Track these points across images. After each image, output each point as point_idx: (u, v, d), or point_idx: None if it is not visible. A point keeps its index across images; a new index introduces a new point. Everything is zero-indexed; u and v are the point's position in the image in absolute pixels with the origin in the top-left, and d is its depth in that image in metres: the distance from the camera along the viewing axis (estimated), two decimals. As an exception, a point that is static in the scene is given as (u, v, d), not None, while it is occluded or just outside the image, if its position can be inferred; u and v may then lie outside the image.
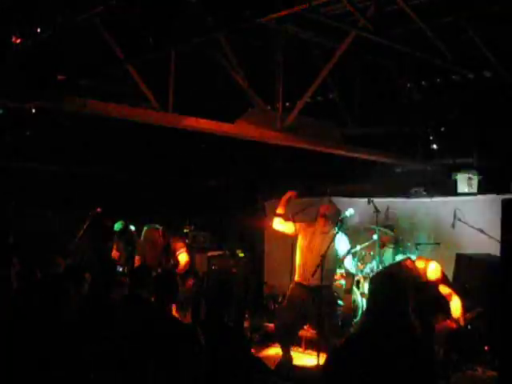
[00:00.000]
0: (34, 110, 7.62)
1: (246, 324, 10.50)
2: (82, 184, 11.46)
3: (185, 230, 11.62)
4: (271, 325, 10.81)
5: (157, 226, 9.66)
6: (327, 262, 8.04)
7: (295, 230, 8.76)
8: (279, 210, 8.85)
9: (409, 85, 10.51)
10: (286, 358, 8.44)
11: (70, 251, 9.56)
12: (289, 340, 8.67)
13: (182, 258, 9.54)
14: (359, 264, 10.67)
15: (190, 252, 9.91)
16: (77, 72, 7.63)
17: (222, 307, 5.45)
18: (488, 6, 8.03)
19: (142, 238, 9.72)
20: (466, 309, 8.22)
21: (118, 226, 10.03)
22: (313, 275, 8.02)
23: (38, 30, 7.13)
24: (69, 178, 11.44)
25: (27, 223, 10.96)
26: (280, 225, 8.84)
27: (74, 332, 4.86)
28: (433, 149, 10.79)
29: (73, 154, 11.30)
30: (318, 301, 8.20)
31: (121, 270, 9.65)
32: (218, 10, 7.36)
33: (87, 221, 9.91)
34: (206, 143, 12.21)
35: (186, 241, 11.44)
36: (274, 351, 9.85)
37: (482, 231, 9.41)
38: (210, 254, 11.46)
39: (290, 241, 9.69)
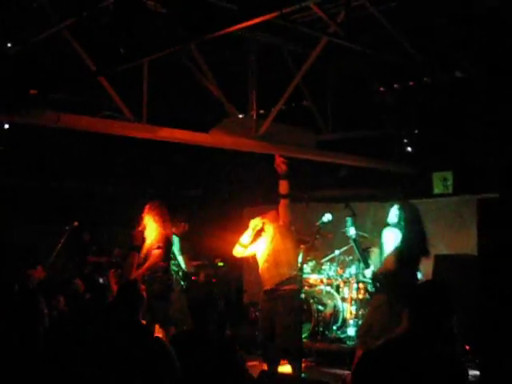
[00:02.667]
0: (7, 126, 7.57)
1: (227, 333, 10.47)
2: (59, 198, 11.40)
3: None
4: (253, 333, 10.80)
5: None
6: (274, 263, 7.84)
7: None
8: (245, 242, 8.24)
9: (382, 89, 10.57)
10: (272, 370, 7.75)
11: (47, 265, 9.50)
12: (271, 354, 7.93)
13: None
14: (338, 269, 10.72)
15: None
16: (49, 86, 7.60)
17: (207, 318, 5.44)
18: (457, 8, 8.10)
19: None
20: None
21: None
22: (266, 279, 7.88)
23: (9, 45, 7.10)
24: (46, 192, 11.37)
25: (5, 237, 10.87)
26: (241, 253, 8.35)
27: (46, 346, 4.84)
28: (407, 151, 10.85)
29: (49, 169, 11.24)
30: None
31: (101, 281, 9.58)
32: (188, 20, 7.37)
33: (65, 235, 9.85)
34: (181, 154, 12.21)
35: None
36: (256, 361, 9.85)
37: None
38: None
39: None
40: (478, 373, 7.60)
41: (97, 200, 11.65)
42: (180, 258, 9.97)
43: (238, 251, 8.33)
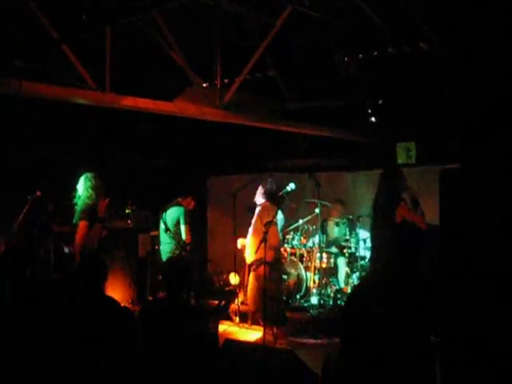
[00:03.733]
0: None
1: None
2: (21, 168, 11.24)
3: (127, 211, 11.55)
4: (216, 302, 10.89)
5: None
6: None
7: None
8: None
9: (346, 59, 10.56)
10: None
11: (9, 237, 9.42)
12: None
13: None
14: (302, 238, 10.79)
15: None
16: (11, 53, 7.48)
17: (181, 286, 5.47)
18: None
19: None
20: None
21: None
22: None
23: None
24: (6, 162, 11.21)
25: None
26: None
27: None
28: (371, 121, 10.89)
29: (9, 139, 11.07)
30: None
31: (66, 250, 9.53)
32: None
33: (27, 205, 9.75)
34: (145, 123, 12.13)
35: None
36: (221, 328, 9.91)
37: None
38: (152, 233, 11.43)
39: (232, 217, 9.76)
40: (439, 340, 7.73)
41: (60, 170, 11.52)
42: (183, 228, 10.03)
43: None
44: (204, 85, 9.13)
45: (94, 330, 4.97)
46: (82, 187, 9.08)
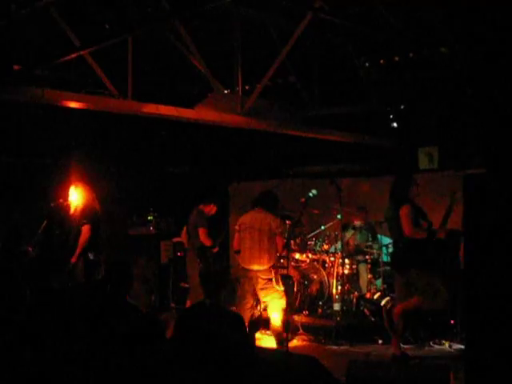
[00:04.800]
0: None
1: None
2: (40, 175, 11.28)
3: (149, 217, 11.57)
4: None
5: None
6: None
7: None
8: None
9: (367, 64, 10.54)
10: None
11: (33, 244, 9.45)
12: None
13: None
14: (324, 244, 10.74)
15: None
16: (33, 62, 7.54)
17: (219, 292, 5.51)
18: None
19: None
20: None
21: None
22: None
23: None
24: (26, 168, 11.25)
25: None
26: None
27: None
28: (393, 127, 10.86)
29: (30, 145, 11.12)
30: None
31: (91, 257, 9.54)
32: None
33: (49, 212, 9.78)
34: (166, 130, 12.15)
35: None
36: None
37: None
38: (175, 240, 11.45)
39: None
40: (462, 347, 7.70)
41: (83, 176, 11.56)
42: (199, 232, 10.08)
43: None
44: (225, 91, 9.14)
45: (119, 335, 4.98)
46: (75, 197, 9.15)
